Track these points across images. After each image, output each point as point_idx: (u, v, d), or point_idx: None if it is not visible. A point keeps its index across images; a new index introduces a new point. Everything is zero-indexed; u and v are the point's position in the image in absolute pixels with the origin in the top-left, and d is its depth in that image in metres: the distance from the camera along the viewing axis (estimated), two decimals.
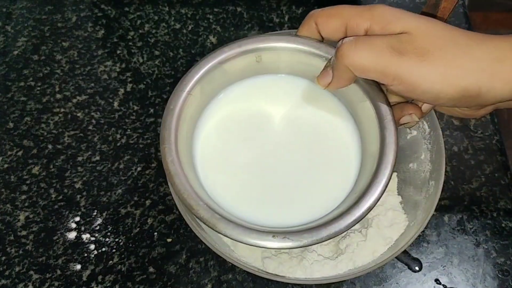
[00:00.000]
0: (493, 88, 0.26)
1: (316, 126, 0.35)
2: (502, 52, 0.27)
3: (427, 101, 0.29)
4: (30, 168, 0.51)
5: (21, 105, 0.55)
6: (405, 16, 0.28)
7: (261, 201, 0.33)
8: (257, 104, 0.35)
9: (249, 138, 0.35)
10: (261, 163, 0.34)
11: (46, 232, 0.47)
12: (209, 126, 0.35)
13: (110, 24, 0.61)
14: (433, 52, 0.27)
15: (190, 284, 0.44)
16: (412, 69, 0.26)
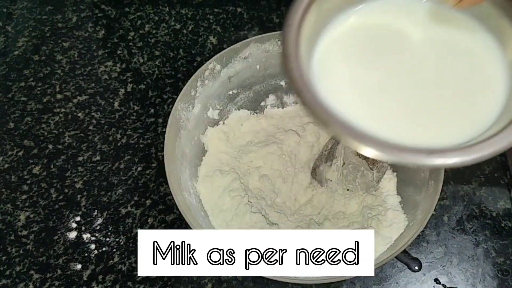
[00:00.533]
0: None
1: (454, 44, 0.31)
2: None
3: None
4: (31, 168, 0.51)
5: (22, 105, 0.55)
6: None
7: (398, 122, 0.28)
8: (385, 21, 0.31)
9: (381, 54, 0.30)
10: (396, 81, 0.29)
11: (46, 232, 0.47)
12: (331, 40, 0.30)
13: (111, 25, 0.62)
14: None
15: (190, 284, 0.45)
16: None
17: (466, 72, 0.30)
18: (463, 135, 0.27)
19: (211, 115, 0.49)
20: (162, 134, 0.53)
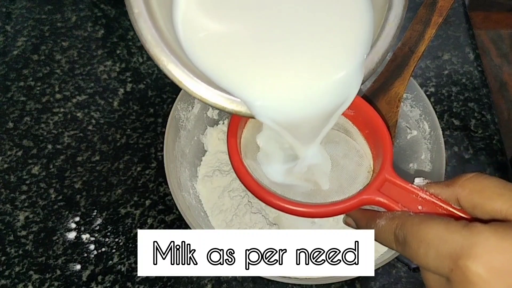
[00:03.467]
0: None
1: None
2: None
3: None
4: (30, 168, 0.51)
5: (21, 105, 0.55)
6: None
7: (276, 71, 0.28)
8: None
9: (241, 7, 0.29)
10: (261, 31, 0.29)
11: (45, 232, 0.47)
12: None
13: (110, 24, 0.61)
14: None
15: (190, 284, 0.44)
16: None
17: (328, 8, 0.29)
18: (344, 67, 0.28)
19: (211, 115, 0.49)
20: (162, 134, 0.52)
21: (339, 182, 0.33)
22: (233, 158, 0.32)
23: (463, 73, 0.57)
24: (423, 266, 0.24)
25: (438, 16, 0.36)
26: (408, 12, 0.55)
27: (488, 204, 0.24)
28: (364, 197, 0.29)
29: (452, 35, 0.60)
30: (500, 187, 0.24)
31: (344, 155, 0.35)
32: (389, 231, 0.26)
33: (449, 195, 0.26)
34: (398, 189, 0.29)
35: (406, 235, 0.24)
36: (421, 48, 0.37)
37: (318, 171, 0.34)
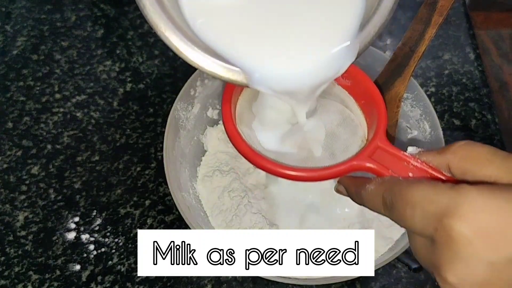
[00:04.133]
0: None
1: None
2: None
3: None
4: (29, 168, 0.51)
5: (20, 105, 0.55)
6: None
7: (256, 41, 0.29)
8: None
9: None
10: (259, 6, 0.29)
11: (45, 232, 0.47)
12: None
13: (110, 24, 0.61)
14: None
15: (190, 284, 0.44)
16: None
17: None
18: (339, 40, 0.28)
19: (210, 115, 0.49)
20: (162, 134, 0.52)
21: (332, 150, 0.33)
22: (227, 123, 0.32)
23: (463, 73, 0.57)
24: (409, 228, 0.24)
25: (438, 15, 0.36)
26: (409, 11, 0.55)
27: (478, 170, 0.24)
28: (355, 162, 0.30)
29: (452, 35, 0.60)
30: (491, 153, 0.24)
31: (339, 124, 0.35)
32: (378, 195, 0.26)
33: (440, 162, 0.26)
34: (390, 157, 0.29)
35: (393, 197, 0.24)
36: (422, 48, 0.37)
37: (312, 138, 0.34)
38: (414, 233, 0.24)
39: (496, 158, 0.23)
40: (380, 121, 0.32)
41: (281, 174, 0.30)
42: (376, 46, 0.58)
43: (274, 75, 0.28)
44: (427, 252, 0.23)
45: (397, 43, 0.39)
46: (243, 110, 0.34)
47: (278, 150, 0.33)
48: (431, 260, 0.23)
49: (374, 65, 0.45)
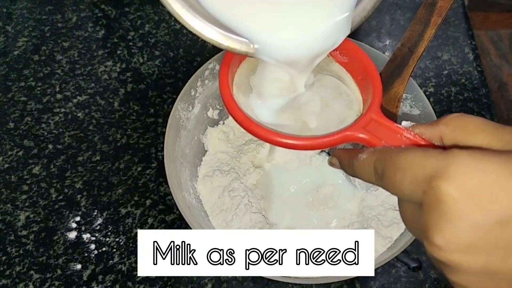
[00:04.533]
0: None
1: None
2: None
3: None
4: (31, 168, 0.51)
5: (22, 105, 0.55)
6: None
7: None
8: None
9: None
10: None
11: (46, 232, 0.47)
12: None
13: (111, 24, 0.62)
14: None
15: (190, 284, 0.45)
16: None
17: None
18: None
19: (211, 115, 0.49)
20: (162, 134, 0.52)
21: (327, 122, 0.34)
22: (224, 93, 0.32)
23: (462, 73, 0.57)
24: (399, 194, 0.24)
25: (437, 16, 0.36)
26: (408, 12, 0.56)
27: (469, 139, 0.24)
28: (348, 133, 0.30)
29: (451, 35, 0.60)
30: (483, 123, 0.24)
31: (334, 98, 0.35)
32: (369, 164, 0.26)
33: (433, 134, 0.26)
34: (383, 129, 0.29)
35: (384, 164, 0.24)
36: (421, 49, 0.37)
37: (307, 110, 0.34)
38: (403, 200, 0.24)
39: (488, 127, 0.24)
40: (375, 94, 0.32)
41: (275, 142, 0.30)
42: (376, 46, 0.59)
43: (276, 43, 0.29)
44: (415, 218, 0.23)
45: (396, 44, 0.39)
46: (240, 82, 0.35)
47: (274, 122, 0.33)
48: (419, 225, 0.22)
49: None
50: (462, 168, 0.20)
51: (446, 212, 0.20)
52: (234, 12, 0.29)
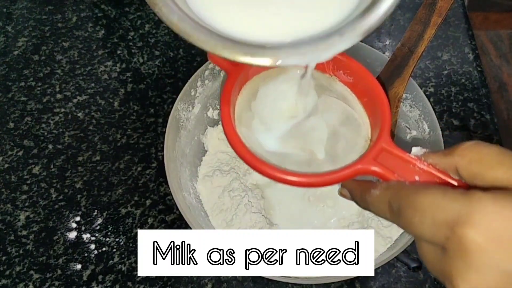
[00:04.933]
0: None
1: None
2: None
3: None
4: (31, 168, 0.51)
5: (22, 105, 0.55)
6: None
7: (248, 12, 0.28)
8: None
9: None
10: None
11: (46, 232, 0.47)
12: None
13: (111, 24, 0.62)
14: None
15: (190, 284, 0.45)
16: None
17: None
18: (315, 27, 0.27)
19: (211, 115, 0.49)
20: (162, 134, 0.53)
21: (335, 151, 0.32)
22: (226, 126, 0.30)
23: (462, 73, 0.57)
24: (418, 235, 0.23)
25: (437, 16, 0.36)
26: (408, 12, 0.56)
27: (488, 173, 0.23)
28: (359, 166, 0.28)
29: (451, 35, 0.60)
30: (501, 155, 0.23)
31: (341, 123, 0.34)
32: (383, 200, 0.25)
33: (448, 165, 0.25)
34: (395, 159, 0.28)
35: (401, 204, 0.23)
36: (421, 49, 0.37)
37: (314, 138, 0.33)
38: (422, 240, 0.24)
39: (505, 159, 0.23)
40: (384, 121, 0.30)
41: (282, 180, 0.29)
42: (376, 46, 0.59)
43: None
44: (437, 260, 0.23)
45: (396, 44, 0.39)
46: (242, 110, 0.34)
47: (280, 151, 0.32)
48: (442, 268, 0.22)
49: (373, 65, 0.45)
50: (485, 215, 0.20)
51: (472, 261, 0.20)
52: (246, 21, 0.27)
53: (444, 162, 0.25)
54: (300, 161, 0.32)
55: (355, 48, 0.45)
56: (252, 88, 0.34)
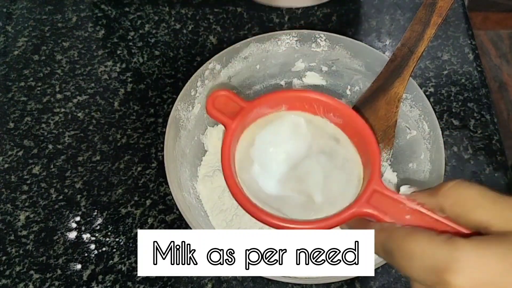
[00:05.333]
0: None
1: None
2: None
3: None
4: (31, 168, 0.51)
5: (22, 105, 0.55)
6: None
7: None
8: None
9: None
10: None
11: (46, 232, 0.47)
12: None
13: (110, 24, 0.62)
14: None
15: (190, 284, 0.45)
16: None
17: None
18: None
19: None
20: (162, 134, 0.53)
21: (331, 193, 0.34)
22: (229, 181, 0.33)
23: (462, 73, 0.57)
24: (409, 277, 0.25)
25: (437, 16, 0.36)
26: (408, 12, 0.56)
27: (469, 216, 0.25)
28: (354, 210, 0.31)
29: (451, 35, 0.60)
30: (479, 198, 0.25)
31: (335, 166, 0.36)
32: (378, 242, 0.27)
33: (434, 205, 0.27)
34: (387, 200, 0.30)
35: (392, 247, 0.26)
36: (421, 49, 0.38)
37: (310, 182, 0.35)
38: (415, 281, 0.25)
39: (485, 202, 0.24)
40: (374, 163, 0.33)
41: (281, 227, 0.32)
42: (376, 46, 0.59)
43: None
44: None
45: (396, 44, 0.39)
46: (242, 157, 0.36)
47: (279, 194, 0.35)
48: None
49: (373, 65, 0.45)
50: (468, 262, 0.22)
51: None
52: None
53: (430, 202, 0.27)
54: (300, 203, 0.34)
55: (355, 48, 0.46)
56: (250, 135, 0.37)
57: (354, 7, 0.62)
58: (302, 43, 0.47)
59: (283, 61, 0.49)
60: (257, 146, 0.36)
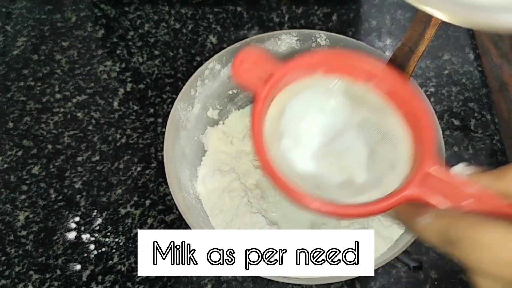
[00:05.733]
0: None
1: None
2: None
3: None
4: (30, 168, 0.51)
5: (21, 105, 0.55)
6: None
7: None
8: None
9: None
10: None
11: (46, 232, 0.47)
12: None
13: (110, 24, 0.61)
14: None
15: (190, 284, 0.44)
16: None
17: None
18: None
19: (211, 115, 0.49)
20: (162, 134, 0.52)
21: (376, 172, 0.30)
22: (262, 160, 0.28)
23: (463, 73, 0.57)
24: (476, 270, 0.23)
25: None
26: (408, 12, 0.56)
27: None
28: (404, 194, 0.27)
29: (452, 35, 0.60)
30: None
31: (379, 141, 0.31)
32: (437, 230, 0.24)
33: (500, 188, 0.24)
34: (442, 182, 0.26)
35: (458, 236, 0.23)
36: (421, 48, 0.37)
37: (351, 160, 0.31)
38: (479, 275, 0.23)
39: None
40: (428, 138, 0.28)
41: (327, 212, 0.27)
42: (376, 46, 0.59)
43: None
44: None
45: (396, 43, 0.39)
46: (270, 129, 0.31)
47: (314, 172, 0.30)
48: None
49: None
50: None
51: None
52: None
53: (496, 185, 0.24)
54: (336, 184, 0.30)
55: (355, 48, 0.46)
56: (279, 105, 0.32)
57: (354, 6, 0.62)
58: (302, 43, 0.47)
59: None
60: (288, 117, 0.31)
